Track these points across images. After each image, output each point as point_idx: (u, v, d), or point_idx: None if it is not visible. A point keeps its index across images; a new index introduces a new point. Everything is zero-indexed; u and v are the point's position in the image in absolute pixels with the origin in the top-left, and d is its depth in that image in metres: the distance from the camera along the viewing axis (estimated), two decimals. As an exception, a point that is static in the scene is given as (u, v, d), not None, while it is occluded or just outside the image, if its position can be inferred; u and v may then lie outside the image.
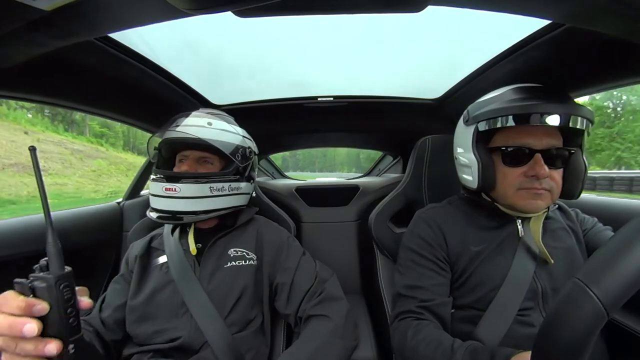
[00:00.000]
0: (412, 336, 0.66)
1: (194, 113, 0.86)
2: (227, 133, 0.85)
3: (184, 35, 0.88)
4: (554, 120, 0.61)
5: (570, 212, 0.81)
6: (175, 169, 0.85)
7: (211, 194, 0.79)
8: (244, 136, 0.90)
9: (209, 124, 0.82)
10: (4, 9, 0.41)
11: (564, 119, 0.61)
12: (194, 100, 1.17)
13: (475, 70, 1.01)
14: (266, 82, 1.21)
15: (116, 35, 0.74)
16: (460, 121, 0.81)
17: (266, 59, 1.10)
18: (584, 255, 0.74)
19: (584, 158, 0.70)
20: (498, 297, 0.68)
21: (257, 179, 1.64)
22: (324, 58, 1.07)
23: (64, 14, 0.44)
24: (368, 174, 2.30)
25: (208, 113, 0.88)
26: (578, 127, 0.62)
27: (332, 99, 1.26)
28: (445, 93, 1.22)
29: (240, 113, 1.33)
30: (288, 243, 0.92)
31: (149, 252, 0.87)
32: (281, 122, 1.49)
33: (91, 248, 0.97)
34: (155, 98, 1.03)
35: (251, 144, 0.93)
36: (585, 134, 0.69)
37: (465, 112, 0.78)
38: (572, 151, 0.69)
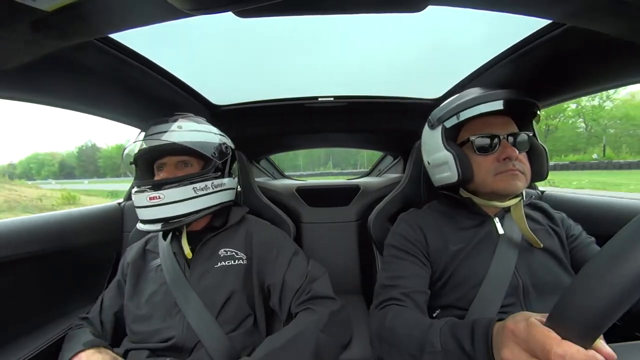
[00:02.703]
0: (391, 318, 0.66)
1: (163, 119, 0.84)
2: (199, 133, 0.84)
3: (184, 36, 0.88)
4: (511, 104, 0.71)
5: (555, 215, 0.82)
6: (156, 178, 0.85)
7: (196, 195, 0.79)
8: (215, 133, 0.90)
9: (179, 127, 0.81)
10: (4, 9, 0.41)
11: (521, 102, 0.71)
12: (195, 101, 1.16)
13: (475, 70, 1.01)
14: (267, 82, 1.22)
15: (116, 36, 0.74)
16: (425, 129, 0.86)
17: (267, 60, 1.10)
18: (566, 258, 0.75)
19: (541, 143, 0.77)
20: (480, 295, 0.69)
21: (257, 179, 1.64)
22: (324, 58, 1.07)
23: (64, 15, 0.44)
24: (368, 174, 2.30)
25: (179, 117, 0.87)
26: (533, 111, 0.74)
27: (332, 99, 1.26)
28: (445, 93, 1.22)
29: (241, 113, 1.33)
30: (279, 242, 0.92)
31: (144, 255, 0.89)
32: (281, 123, 1.49)
33: (92, 248, 0.98)
34: (155, 99, 1.03)
35: (225, 140, 0.93)
36: (534, 122, 0.78)
37: (428, 119, 0.84)
38: (530, 134, 0.76)
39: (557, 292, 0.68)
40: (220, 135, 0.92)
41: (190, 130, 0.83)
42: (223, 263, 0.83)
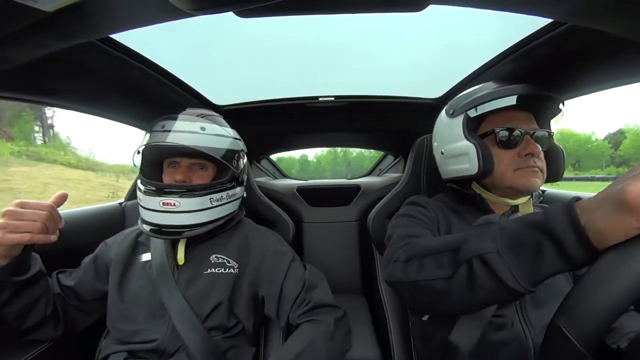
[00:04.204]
0: (425, 240, 0.59)
1: (181, 116, 0.79)
2: (222, 138, 0.80)
3: (185, 36, 0.88)
4: (543, 98, 0.70)
5: None
6: (167, 176, 0.82)
7: (211, 205, 0.77)
8: (234, 138, 0.86)
9: (202, 129, 0.76)
10: (6, 10, 0.41)
11: (555, 98, 0.70)
12: (196, 101, 1.17)
13: (476, 70, 1.00)
14: (267, 82, 1.22)
15: (117, 37, 0.74)
16: (442, 116, 0.83)
17: (267, 60, 1.10)
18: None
19: (558, 144, 0.76)
20: None
21: (257, 179, 1.64)
22: (325, 58, 1.07)
23: (66, 15, 0.44)
24: (369, 173, 2.30)
25: (198, 115, 0.83)
26: (562, 106, 0.72)
27: (333, 98, 1.26)
28: (446, 93, 1.22)
29: (242, 113, 1.33)
30: (276, 250, 0.88)
31: (135, 247, 0.86)
32: (282, 122, 1.49)
33: (94, 248, 0.98)
34: (156, 99, 1.04)
35: (242, 145, 0.89)
36: (553, 121, 0.77)
37: (447, 107, 0.80)
38: (551, 133, 0.74)
39: (552, 298, 0.67)
40: (238, 139, 0.88)
41: (214, 135, 0.78)
42: (213, 270, 0.80)
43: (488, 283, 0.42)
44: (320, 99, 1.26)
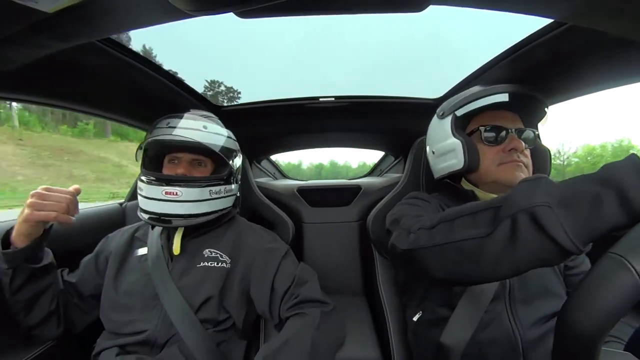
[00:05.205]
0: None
1: (186, 115, 0.85)
2: (222, 137, 0.86)
3: (185, 36, 0.88)
4: (523, 99, 0.73)
5: None
6: (168, 171, 0.86)
7: (210, 197, 0.81)
8: (232, 138, 0.91)
9: (205, 127, 0.82)
10: (6, 11, 0.41)
11: (532, 98, 0.73)
12: (196, 102, 1.17)
13: (476, 71, 1.01)
14: (268, 82, 1.22)
15: (118, 37, 0.75)
16: (434, 119, 0.87)
17: (267, 60, 1.10)
18: (559, 268, 0.74)
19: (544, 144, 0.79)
20: (469, 291, 0.68)
21: (258, 180, 1.64)
22: (325, 59, 1.07)
23: (67, 16, 0.44)
24: (370, 174, 2.29)
25: (201, 115, 0.88)
26: (546, 108, 0.76)
27: (333, 99, 1.26)
28: (446, 93, 1.22)
29: (242, 114, 1.34)
30: (268, 248, 0.90)
31: (132, 242, 0.89)
32: (282, 123, 1.49)
33: (94, 249, 0.98)
34: (157, 100, 1.04)
35: (237, 146, 0.94)
36: (540, 124, 0.80)
37: (438, 110, 0.85)
38: (537, 132, 0.77)
39: (543, 297, 0.67)
40: (235, 140, 0.93)
41: (215, 133, 0.84)
42: (206, 263, 0.82)
43: (534, 241, 0.38)
44: (320, 99, 1.26)
